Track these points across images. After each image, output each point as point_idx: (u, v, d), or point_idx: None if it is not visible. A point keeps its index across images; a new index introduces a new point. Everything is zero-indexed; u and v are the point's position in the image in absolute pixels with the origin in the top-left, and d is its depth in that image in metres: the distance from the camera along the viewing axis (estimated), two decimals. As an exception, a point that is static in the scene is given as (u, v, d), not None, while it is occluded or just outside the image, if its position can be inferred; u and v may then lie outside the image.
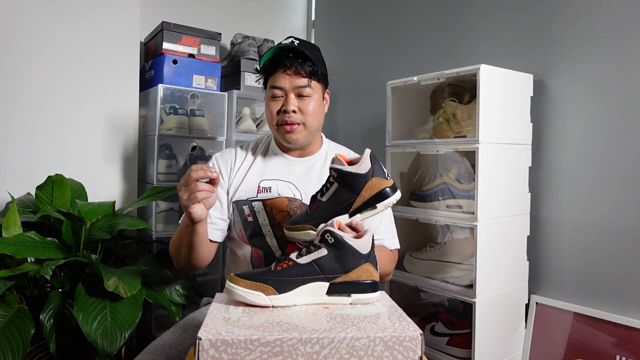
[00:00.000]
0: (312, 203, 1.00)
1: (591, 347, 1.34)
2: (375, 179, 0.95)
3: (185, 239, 1.08)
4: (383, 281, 1.19)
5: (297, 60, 1.12)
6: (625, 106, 1.32)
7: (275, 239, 1.17)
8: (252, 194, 1.19)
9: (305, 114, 1.14)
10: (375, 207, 0.95)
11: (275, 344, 0.69)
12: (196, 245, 1.08)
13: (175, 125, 1.87)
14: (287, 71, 1.13)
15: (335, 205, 0.95)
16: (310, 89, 1.14)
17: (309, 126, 1.16)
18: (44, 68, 1.68)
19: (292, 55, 1.12)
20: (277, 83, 1.14)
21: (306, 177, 1.21)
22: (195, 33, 1.94)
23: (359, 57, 2.22)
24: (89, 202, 1.58)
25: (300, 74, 1.13)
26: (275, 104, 1.15)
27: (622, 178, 1.32)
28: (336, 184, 0.96)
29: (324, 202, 0.97)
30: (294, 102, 1.13)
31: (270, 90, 1.16)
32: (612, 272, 1.33)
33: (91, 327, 1.20)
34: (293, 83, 1.13)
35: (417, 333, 0.73)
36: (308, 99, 1.15)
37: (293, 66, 1.12)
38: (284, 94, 1.14)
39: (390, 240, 1.23)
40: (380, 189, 0.94)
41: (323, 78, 1.18)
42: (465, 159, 1.48)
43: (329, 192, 0.97)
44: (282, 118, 1.14)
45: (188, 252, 1.10)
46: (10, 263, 1.39)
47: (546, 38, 1.49)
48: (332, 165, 0.96)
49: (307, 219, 0.98)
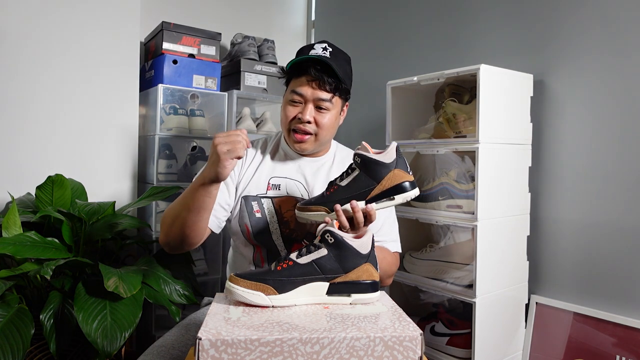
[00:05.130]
0: (329, 187, 0.99)
1: (591, 347, 1.34)
2: (398, 170, 0.95)
3: (193, 201, 1.02)
4: (384, 284, 1.18)
5: (324, 74, 1.10)
6: (625, 106, 1.32)
7: (281, 237, 1.17)
8: (262, 191, 1.19)
9: (319, 126, 1.14)
10: (393, 199, 0.95)
11: (275, 344, 0.69)
12: (202, 210, 1.03)
13: (175, 125, 1.87)
14: (313, 83, 1.11)
15: (353, 191, 0.95)
16: (330, 104, 1.13)
17: (321, 138, 1.16)
18: (43, 68, 1.68)
19: (320, 67, 1.10)
20: (298, 89, 1.12)
21: (315, 176, 1.21)
22: (195, 33, 1.94)
23: (359, 57, 2.21)
24: (89, 202, 1.58)
25: (324, 88, 1.11)
26: (293, 109, 1.14)
27: (622, 178, 1.32)
28: (358, 170, 0.96)
29: (343, 187, 0.97)
30: (312, 112, 1.12)
31: (291, 94, 1.14)
32: (612, 272, 1.33)
33: (91, 327, 1.20)
34: (315, 95, 1.11)
35: (417, 333, 0.73)
36: (326, 112, 1.13)
37: (318, 79, 1.10)
38: (303, 102, 1.13)
39: (392, 244, 1.23)
40: (401, 182, 0.95)
41: (345, 93, 1.17)
42: (465, 159, 1.48)
43: (349, 177, 0.97)
44: (295, 125, 1.14)
45: (188, 217, 1.03)
46: (10, 263, 1.39)
47: (546, 38, 1.49)
48: (357, 151, 0.96)
49: (322, 202, 0.97)
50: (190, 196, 1.03)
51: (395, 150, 0.96)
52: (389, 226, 1.23)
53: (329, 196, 0.97)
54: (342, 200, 0.95)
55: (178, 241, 1.08)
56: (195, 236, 1.08)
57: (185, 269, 1.65)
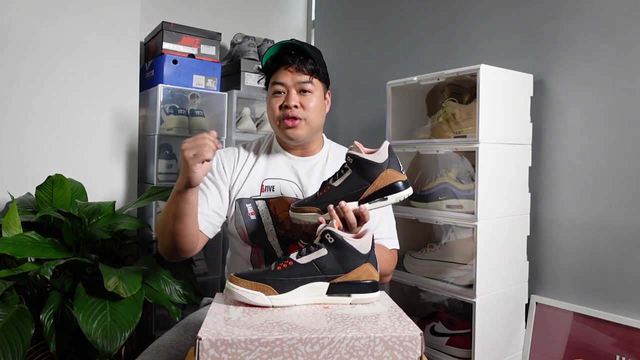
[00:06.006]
0: (322, 188, 1.00)
1: (591, 347, 1.34)
2: (390, 170, 0.95)
3: (174, 208, 1.02)
4: (382, 282, 1.18)
5: (299, 57, 1.14)
6: (625, 106, 1.32)
7: (277, 238, 1.17)
8: (256, 193, 1.19)
9: (307, 109, 1.15)
10: (386, 199, 0.95)
11: (275, 344, 0.69)
12: (185, 216, 1.02)
13: (175, 125, 1.87)
14: (289, 68, 1.14)
15: (346, 191, 0.95)
16: (311, 85, 1.16)
17: (311, 122, 1.16)
18: (44, 68, 1.68)
19: (294, 52, 1.14)
20: (279, 79, 1.15)
21: (308, 176, 1.22)
22: (195, 33, 1.94)
23: (359, 57, 2.22)
24: (89, 202, 1.58)
25: (302, 70, 1.14)
26: (277, 100, 1.16)
27: (622, 178, 1.32)
28: (350, 170, 0.96)
29: (335, 187, 0.97)
30: (296, 98, 1.15)
31: (272, 87, 1.17)
32: (612, 272, 1.33)
33: (91, 327, 1.20)
34: (295, 79, 1.14)
35: (417, 333, 0.73)
36: (310, 94, 1.16)
37: (295, 63, 1.14)
38: (286, 90, 1.15)
39: (390, 241, 1.23)
40: (394, 182, 0.95)
41: (324, 77, 1.20)
42: (465, 159, 1.48)
43: (341, 178, 0.97)
44: (284, 113, 1.15)
45: (174, 225, 1.03)
46: (10, 263, 1.39)
47: (546, 38, 1.49)
48: (349, 151, 0.96)
49: (315, 202, 0.97)
50: (171, 204, 1.03)
51: (387, 150, 0.95)
52: (386, 223, 1.23)
53: (322, 197, 0.98)
54: (335, 200, 0.95)
55: (173, 249, 1.08)
56: (186, 243, 1.07)
57: (185, 269, 1.65)
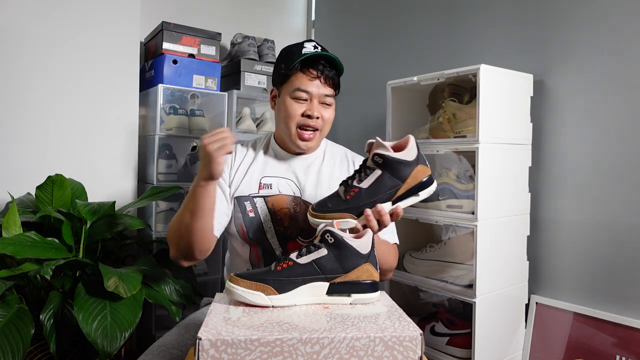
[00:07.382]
0: (347, 190, 0.96)
1: (591, 347, 1.34)
2: (421, 166, 0.94)
3: (193, 205, 1.03)
4: (385, 278, 1.18)
5: (328, 70, 1.15)
6: (625, 106, 1.32)
7: (276, 235, 1.18)
8: (254, 191, 1.20)
9: (324, 122, 1.18)
10: (418, 195, 0.94)
11: (275, 344, 0.69)
12: (206, 212, 1.04)
13: (175, 125, 1.87)
14: (319, 79, 1.15)
15: (378, 192, 0.93)
16: (332, 99, 1.18)
17: (323, 133, 1.20)
18: (43, 68, 1.68)
19: (324, 62, 1.15)
20: (305, 87, 1.14)
21: (306, 174, 1.23)
22: (195, 33, 1.94)
23: (359, 57, 2.22)
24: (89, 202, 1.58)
25: (329, 84, 1.16)
26: (300, 106, 1.16)
27: (622, 178, 1.32)
28: (379, 170, 0.94)
29: (365, 189, 0.94)
30: (319, 109, 1.16)
31: (295, 91, 1.15)
32: (611, 272, 1.33)
33: (91, 327, 1.20)
34: (320, 91, 1.15)
35: (417, 333, 0.73)
36: (329, 107, 1.18)
37: (324, 75, 1.14)
38: (309, 99, 1.16)
39: (390, 235, 1.23)
40: (426, 177, 0.94)
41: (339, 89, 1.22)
42: (465, 159, 1.48)
43: (369, 179, 0.94)
44: (304, 121, 1.16)
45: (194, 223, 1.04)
46: (10, 263, 1.39)
47: (546, 38, 1.49)
48: (377, 151, 0.94)
49: (346, 207, 0.94)
50: (191, 201, 1.04)
51: (416, 145, 0.94)
52: None
53: (350, 200, 0.94)
54: (369, 203, 0.93)
55: (190, 251, 1.09)
56: (204, 242, 1.08)
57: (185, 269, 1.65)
